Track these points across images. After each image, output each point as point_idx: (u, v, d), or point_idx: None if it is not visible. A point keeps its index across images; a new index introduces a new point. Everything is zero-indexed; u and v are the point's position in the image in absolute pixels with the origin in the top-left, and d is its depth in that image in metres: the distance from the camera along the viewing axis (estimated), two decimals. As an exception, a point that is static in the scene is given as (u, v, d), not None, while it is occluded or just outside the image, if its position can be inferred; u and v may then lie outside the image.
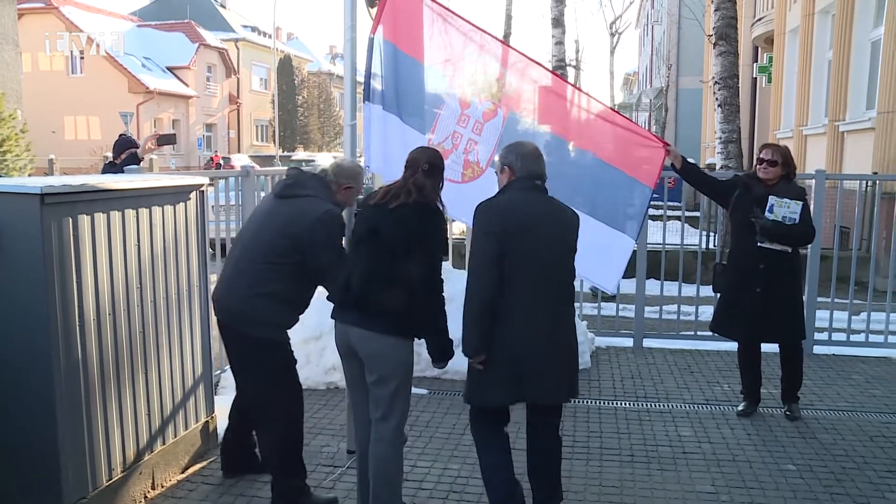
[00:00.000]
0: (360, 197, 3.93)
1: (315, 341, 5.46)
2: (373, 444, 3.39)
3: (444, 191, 3.57)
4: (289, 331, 3.80)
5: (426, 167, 3.41)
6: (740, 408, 5.19)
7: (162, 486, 3.93)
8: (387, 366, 3.31)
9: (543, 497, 3.50)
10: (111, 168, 6.11)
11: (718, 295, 5.23)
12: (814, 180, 6.71)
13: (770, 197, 4.79)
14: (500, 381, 3.32)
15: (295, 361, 3.80)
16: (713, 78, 11.54)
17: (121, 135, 6.58)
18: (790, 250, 4.85)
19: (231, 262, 3.73)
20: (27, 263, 3.16)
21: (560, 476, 3.57)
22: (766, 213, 4.77)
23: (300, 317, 3.85)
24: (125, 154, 6.12)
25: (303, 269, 3.57)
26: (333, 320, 3.50)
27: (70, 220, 3.27)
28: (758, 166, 4.94)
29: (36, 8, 35.11)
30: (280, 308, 3.65)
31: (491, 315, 3.25)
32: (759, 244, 4.81)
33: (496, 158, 3.83)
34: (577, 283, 3.64)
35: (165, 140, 6.46)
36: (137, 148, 6.20)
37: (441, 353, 3.49)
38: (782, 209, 4.76)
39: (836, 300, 6.78)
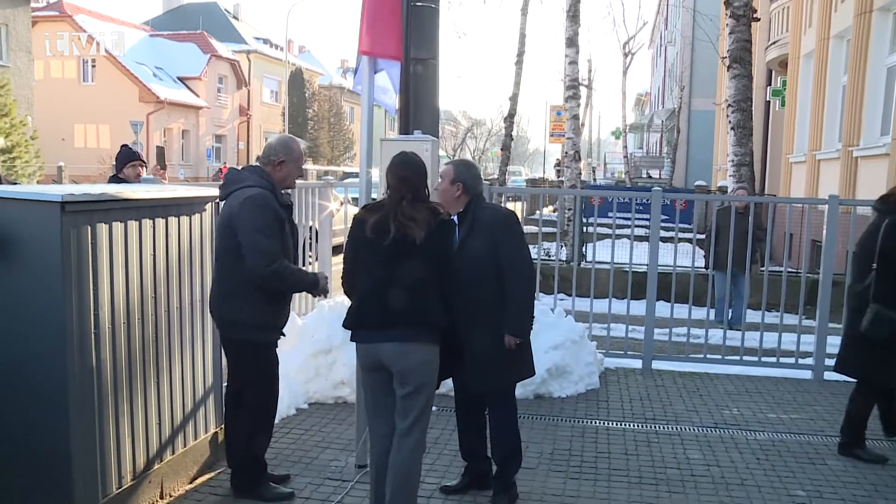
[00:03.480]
0: (356, 208, 4.01)
1: (324, 355, 5.47)
2: (395, 453, 3.40)
3: None
4: (291, 340, 3.92)
5: (410, 197, 3.35)
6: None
7: (170, 496, 3.93)
8: (422, 376, 3.34)
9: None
10: (115, 181, 6.13)
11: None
12: (827, 206, 6.69)
13: None
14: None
15: (276, 363, 3.97)
16: (726, 100, 11.54)
17: (122, 146, 6.53)
18: None
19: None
20: (46, 270, 3.19)
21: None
22: None
23: (280, 336, 3.96)
24: (128, 167, 6.16)
25: None
26: (347, 335, 3.51)
27: (89, 228, 3.30)
28: None
29: (49, 16, 35.43)
30: (250, 307, 3.73)
31: None
32: None
33: (443, 172, 3.91)
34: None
35: (160, 157, 6.51)
36: (139, 160, 6.26)
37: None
38: None
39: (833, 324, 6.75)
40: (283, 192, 3.90)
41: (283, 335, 4.01)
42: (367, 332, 3.38)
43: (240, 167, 4.00)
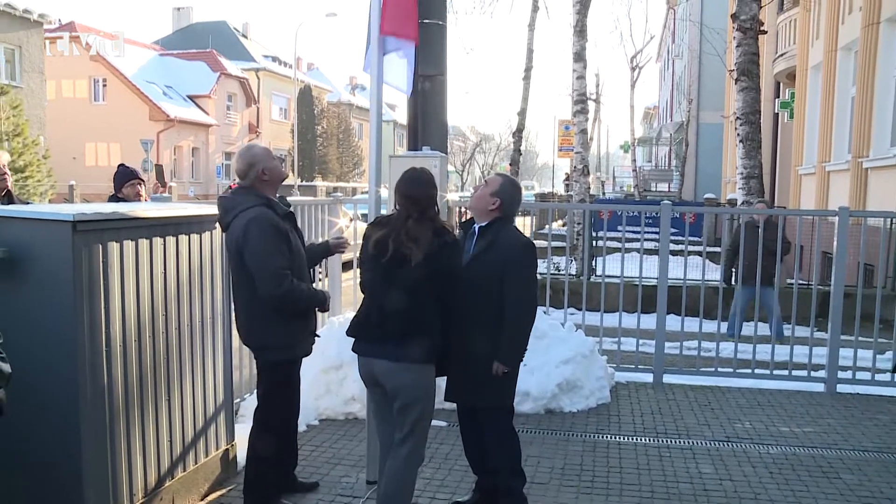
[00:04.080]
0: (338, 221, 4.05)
1: (335, 371, 5.47)
2: (390, 461, 3.50)
3: None
4: (305, 357, 3.98)
5: (416, 215, 3.38)
6: None
7: (181, 514, 3.94)
8: (412, 394, 3.41)
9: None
10: (114, 200, 5.95)
11: None
12: (837, 217, 6.67)
13: None
14: None
15: (297, 382, 4.02)
16: (735, 113, 11.54)
17: (119, 165, 6.31)
18: None
19: None
20: (57, 289, 3.21)
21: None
22: None
23: (314, 341, 4.02)
24: (126, 186, 6.01)
25: None
26: (354, 352, 3.56)
27: (100, 246, 3.33)
28: None
29: (62, 37, 35.76)
30: (270, 328, 3.77)
31: None
32: None
33: (490, 179, 3.90)
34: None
35: (160, 175, 6.39)
36: (138, 179, 6.10)
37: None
38: None
39: (860, 338, 6.70)
40: (279, 198, 3.93)
41: (318, 336, 4.13)
42: (364, 345, 3.49)
43: (230, 192, 3.97)
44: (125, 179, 6.05)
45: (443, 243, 3.36)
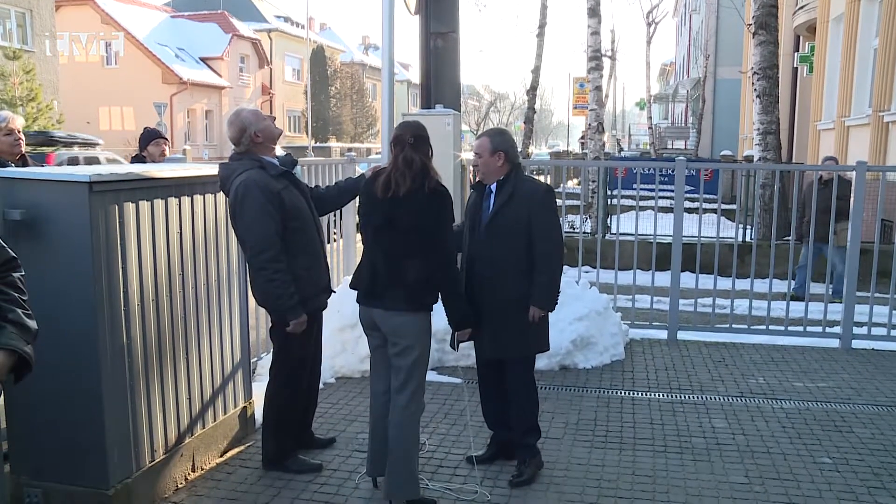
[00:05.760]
0: (356, 176, 4.09)
1: (350, 330, 5.52)
2: (391, 410, 3.62)
3: None
4: (325, 315, 4.11)
5: (412, 140, 3.50)
6: None
7: (202, 469, 4.03)
8: (407, 337, 3.54)
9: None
10: (138, 159, 6.31)
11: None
12: (854, 172, 6.60)
13: None
14: None
15: (315, 337, 4.12)
16: (752, 68, 11.39)
17: (145, 128, 6.73)
18: None
19: None
20: (75, 250, 3.25)
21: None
22: None
23: (329, 295, 4.10)
24: (151, 145, 6.34)
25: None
26: (357, 302, 3.70)
27: (116, 207, 3.36)
28: None
29: (73, 1, 35.53)
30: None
31: None
32: None
33: (479, 144, 3.93)
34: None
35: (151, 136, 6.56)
36: (162, 138, 6.45)
37: (462, 317, 3.69)
38: None
39: (876, 294, 6.67)
40: (276, 157, 3.93)
41: (334, 292, 4.21)
42: (363, 296, 3.64)
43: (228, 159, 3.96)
44: (150, 138, 6.39)
45: (428, 192, 3.45)
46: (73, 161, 12.25)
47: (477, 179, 4.01)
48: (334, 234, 6.56)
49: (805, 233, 8.00)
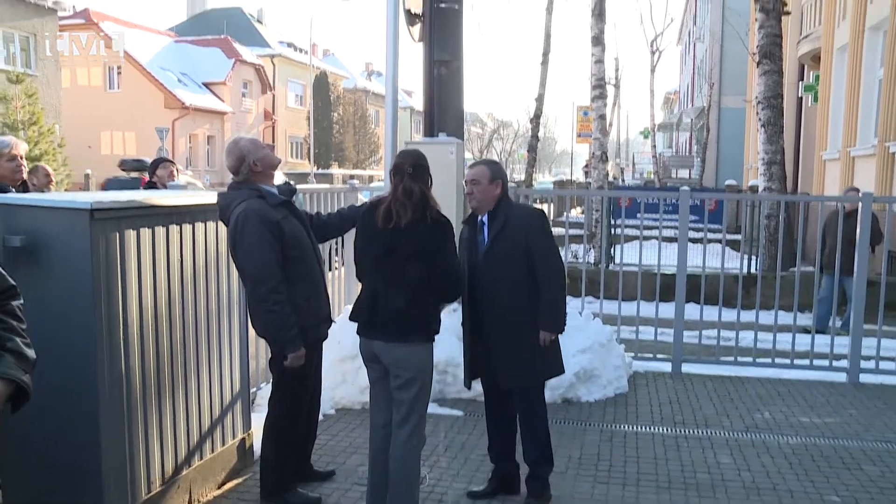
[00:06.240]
0: (358, 204, 4.04)
1: (351, 360, 5.47)
2: (393, 443, 3.57)
3: None
4: (325, 345, 4.03)
5: (410, 170, 3.50)
6: None
7: (199, 502, 3.96)
8: (410, 369, 3.50)
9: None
10: (149, 186, 6.47)
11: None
12: (860, 204, 6.56)
13: None
14: None
15: (315, 369, 4.05)
16: (756, 97, 11.40)
17: (153, 159, 7.03)
18: None
19: None
20: (75, 277, 3.22)
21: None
22: None
23: (329, 325, 4.04)
24: (160, 169, 6.51)
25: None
26: (357, 334, 3.65)
27: (117, 234, 3.34)
28: None
29: (76, 25, 35.66)
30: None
31: None
32: None
33: (475, 173, 3.93)
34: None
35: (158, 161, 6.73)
36: (171, 162, 6.68)
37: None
38: None
39: (884, 327, 6.61)
40: (284, 185, 3.92)
41: (334, 322, 4.16)
42: (363, 328, 3.59)
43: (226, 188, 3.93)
44: (158, 163, 6.60)
45: (430, 222, 3.44)
46: (152, 185, 13.51)
47: (469, 211, 4.01)
48: (335, 261, 6.53)
49: (827, 264, 7.90)
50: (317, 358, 4.10)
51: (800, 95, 19.00)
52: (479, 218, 3.91)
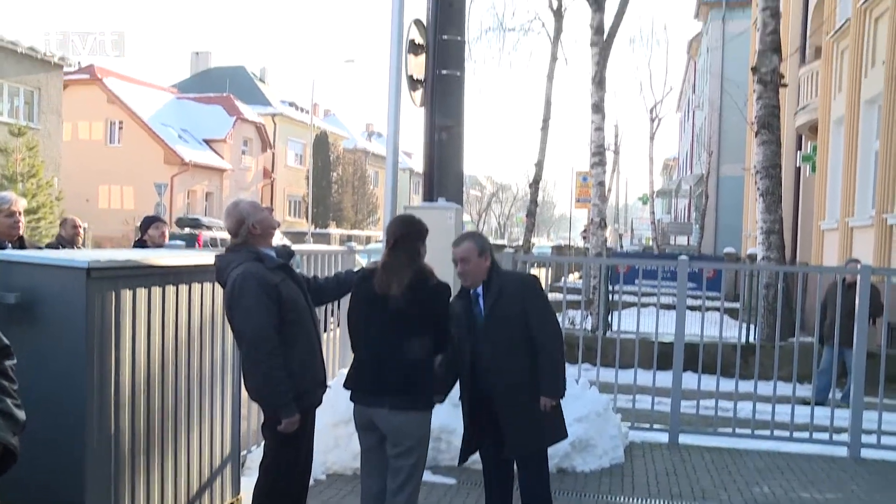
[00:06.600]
0: (356, 269, 4.02)
1: (344, 425, 5.38)
2: None
3: None
4: (318, 412, 3.88)
5: (405, 238, 3.57)
6: None
7: (183, 568, 3.85)
8: (411, 437, 3.49)
9: None
10: (139, 245, 6.52)
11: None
12: (859, 276, 6.56)
13: None
14: None
15: (308, 434, 3.90)
16: (755, 167, 11.51)
17: (146, 216, 7.05)
18: None
19: None
20: (69, 335, 3.21)
21: None
22: None
23: (324, 391, 3.93)
24: (151, 228, 6.55)
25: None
26: (351, 401, 3.66)
27: (113, 293, 3.34)
28: None
29: (81, 80, 35.99)
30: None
31: None
32: None
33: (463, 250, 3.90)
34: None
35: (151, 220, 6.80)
36: (161, 221, 6.71)
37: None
38: None
39: (885, 401, 6.54)
40: (281, 247, 3.91)
41: (329, 387, 4.07)
42: (361, 395, 3.58)
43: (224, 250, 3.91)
44: (150, 222, 6.63)
45: (429, 288, 3.47)
46: (214, 243, 15.54)
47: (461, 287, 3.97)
48: (331, 322, 6.49)
49: (827, 335, 7.87)
50: (310, 423, 4.03)
51: (798, 165, 19.20)
52: (472, 290, 3.91)
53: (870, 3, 13.20)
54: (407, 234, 3.55)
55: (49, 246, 7.47)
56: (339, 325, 6.67)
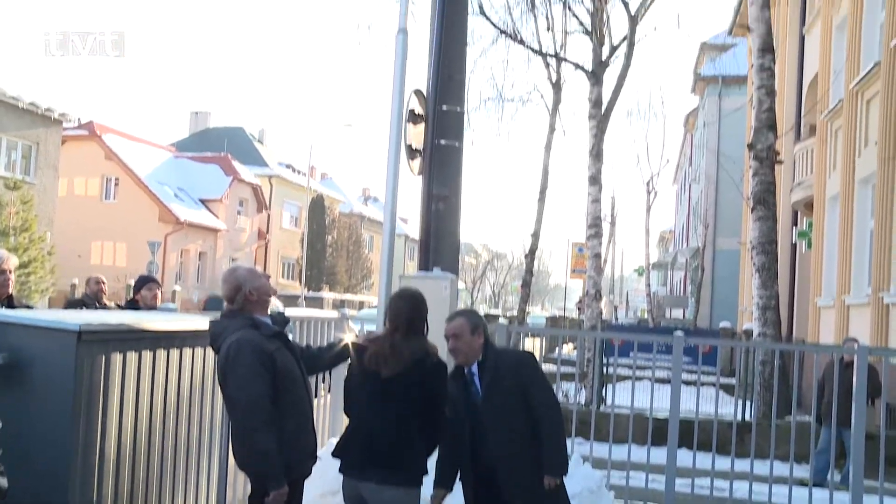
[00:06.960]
0: (352, 340, 3.93)
1: (332, 496, 5.24)
2: None
3: None
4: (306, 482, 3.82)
5: (407, 316, 3.56)
6: None
7: None
8: None
9: None
10: (130, 305, 6.54)
11: None
12: (856, 356, 6.51)
13: None
14: None
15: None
16: (751, 242, 11.55)
17: (140, 275, 7.22)
18: None
19: None
20: (56, 398, 3.18)
21: None
22: None
23: (314, 462, 3.86)
24: (144, 289, 6.55)
25: None
26: (340, 472, 3.62)
27: (103, 357, 3.32)
28: None
29: (79, 136, 36.06)
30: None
31: None
32: None
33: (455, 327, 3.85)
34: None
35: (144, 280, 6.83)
36: (154, 282, 6.73)
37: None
38: None
39: (886, 484, 6.41)
40: (276, 314, 3.88)
41: (318, 458, 3.97)
42: (351, 468, 3.54)
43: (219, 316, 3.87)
44: (144, 283, 6.66)
45: (425, 367, 3.45)
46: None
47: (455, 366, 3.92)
48: (322, 388, 6.40)
49: (825, 414, 7.78)
50: (298, 494, 3.94)
51: (794, 241, 19.29)
52: (467, 370, 3.83)
53: (861, 85, 13.47)
54: (417, 318, 3.57)
55: (72, 304, 7.59)
56: (329, 392, 6.58)
